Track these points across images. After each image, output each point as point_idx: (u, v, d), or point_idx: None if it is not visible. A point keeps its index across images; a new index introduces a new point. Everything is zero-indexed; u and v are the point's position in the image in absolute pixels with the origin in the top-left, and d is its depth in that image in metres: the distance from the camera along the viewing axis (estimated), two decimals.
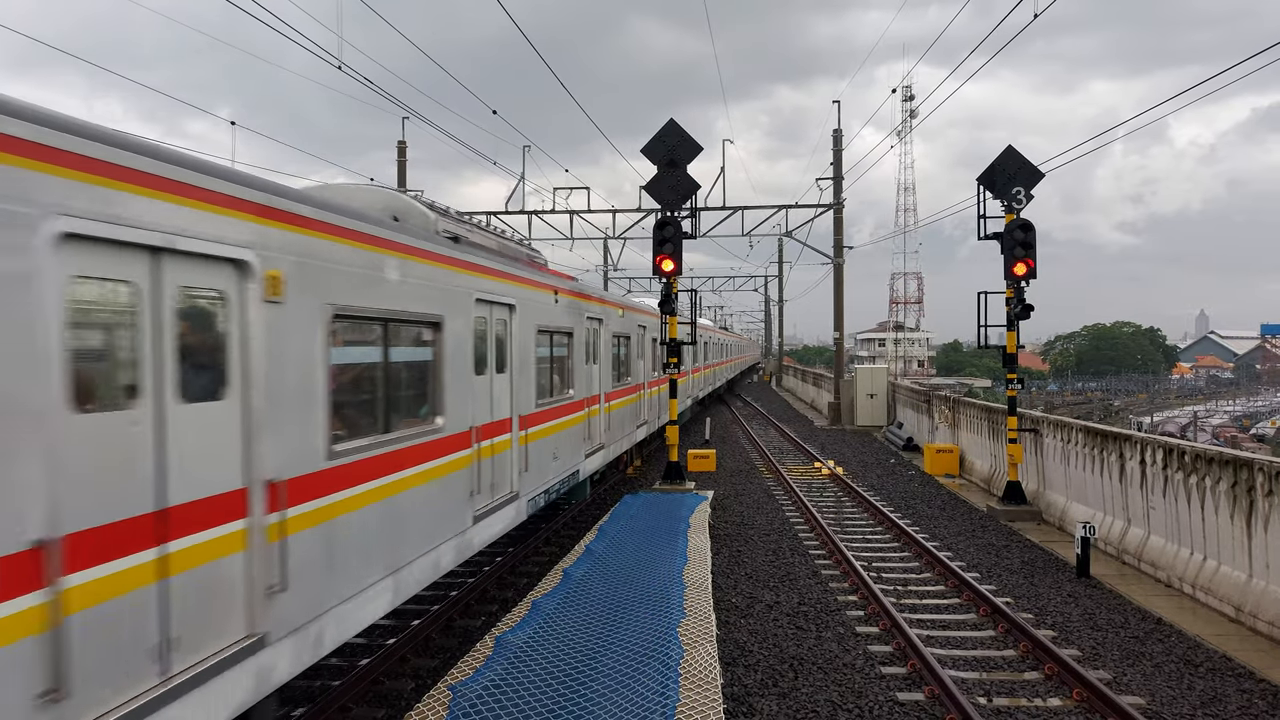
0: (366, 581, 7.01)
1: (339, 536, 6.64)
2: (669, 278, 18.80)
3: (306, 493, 6.22)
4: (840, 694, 8.31)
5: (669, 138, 19.41)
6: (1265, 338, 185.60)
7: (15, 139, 4.00)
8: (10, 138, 3.97)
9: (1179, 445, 12.51)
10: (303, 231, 6.26)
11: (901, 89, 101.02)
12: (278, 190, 6.13)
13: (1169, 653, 9.49)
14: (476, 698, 6.98)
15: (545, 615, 9.23)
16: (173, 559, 4.93)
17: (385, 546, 7.39)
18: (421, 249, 8.38)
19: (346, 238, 6.90)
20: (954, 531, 15.66)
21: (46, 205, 4.13)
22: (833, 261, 37.13)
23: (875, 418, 34.86)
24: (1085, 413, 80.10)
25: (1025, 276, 16.59)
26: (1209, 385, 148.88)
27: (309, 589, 6.18)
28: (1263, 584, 10.26)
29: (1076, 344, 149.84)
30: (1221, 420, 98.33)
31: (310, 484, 6.28)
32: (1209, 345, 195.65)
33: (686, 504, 15.82)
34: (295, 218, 6.20)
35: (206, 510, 5.24)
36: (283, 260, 5.99)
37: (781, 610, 10.90)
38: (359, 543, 6.94)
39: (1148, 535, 13.03)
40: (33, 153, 4.08)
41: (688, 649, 8.11)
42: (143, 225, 4.72)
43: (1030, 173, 16.95)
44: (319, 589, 6.32)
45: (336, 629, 6.59)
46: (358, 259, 7.05)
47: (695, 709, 6.78)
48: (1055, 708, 8.10)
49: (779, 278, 75.15)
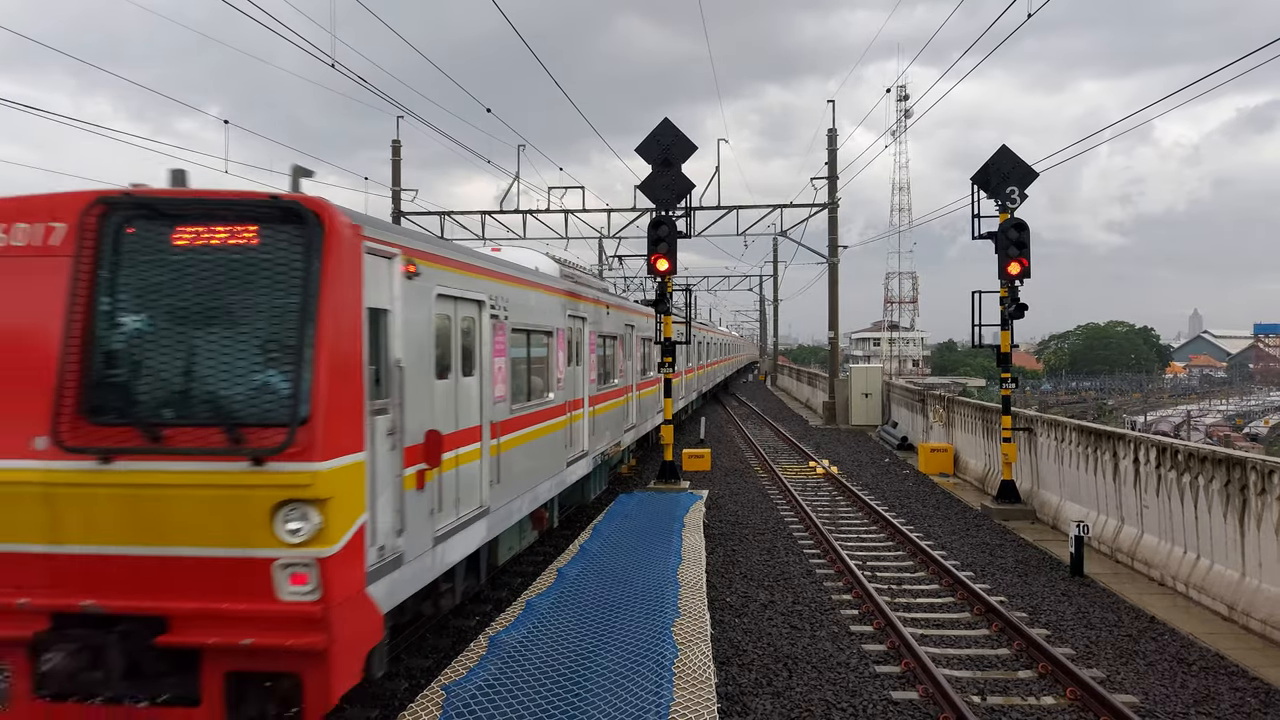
0: (523, 489, 11.06)
1: (514, 458, 10.62)
2: (663, 277, 18.79)
3: (504, 430, 10.22)
4: (834, 693, 8.31)
5: (663, 137, 19.41)
6: (1258, 337, 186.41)
7: (423, 252, 8.04)
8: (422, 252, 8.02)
9: (1172, 444, 12.54)
10: (500, 282, 10.35)
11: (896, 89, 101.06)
12: (493, 261, 10.44)
13: (1162, 651, 9.51)
14: (470, 697, 6.96)
15: (539, 615, 9.21)
16: (461, 457, 8.88)
17: (531, 470, 11.40)
18: (546, 285, 12.73)
19: (517, 283, 11.14)
20: (948, 530, 15.68)
21: (432, 279, 8.16)
22: (827, 261, 37.16)
23: (870, 417, 34.89)
24: (1079, 412, 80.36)
25: (1019, 276, 16.61)
26: (1202, 384, 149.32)
27: (506, 486, 10.22)
28: (1255, 583, 10.28)
29: (1070, 343, 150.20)
30: (1215, 419, 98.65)
31: (505, 426, 10.28)
32: (1202, 344, 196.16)
33: (681, 503, 15.81)
34: (497, 274, 10.28)
35: (471, 435, 9.21)
36: (489, 296, 9.83)
37: (776, 609, 10.90)
38: (521, 465, 10.91)
39: (1141, 534, 13.05)
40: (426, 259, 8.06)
41: (682, 648, 8.10)
42: (451, 286, 8.72)
43: (1024, 173, 16.97)
44: (511, 485, 10.46)
45: (514, 511, 10.64)
46: (522, 294, 11.28)
47: (689, 708, 6.77)
48: (1049, 706, 8.11)
49: (774, 277, 75.26)
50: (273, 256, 6.24)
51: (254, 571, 5.96)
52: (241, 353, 6.15)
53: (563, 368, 13.30)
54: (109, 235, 6.30)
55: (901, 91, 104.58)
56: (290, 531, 5.94)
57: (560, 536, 14.33)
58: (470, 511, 9.10)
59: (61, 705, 6.11)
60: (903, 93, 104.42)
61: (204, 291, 6.23)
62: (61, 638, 6.00)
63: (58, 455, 5.94)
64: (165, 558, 6.02)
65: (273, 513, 5.93)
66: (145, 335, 6.26)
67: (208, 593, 6.01)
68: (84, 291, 6.18)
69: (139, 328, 6.29)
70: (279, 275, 6.21)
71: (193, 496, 5.98)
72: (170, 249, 6.30)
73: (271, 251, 6.25)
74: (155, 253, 6.31)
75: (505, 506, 10.20)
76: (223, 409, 6.08)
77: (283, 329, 6.14)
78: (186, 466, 5.97)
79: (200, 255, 6.27)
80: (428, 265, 8.04)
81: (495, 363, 9.94)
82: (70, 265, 6.20)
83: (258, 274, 6.22)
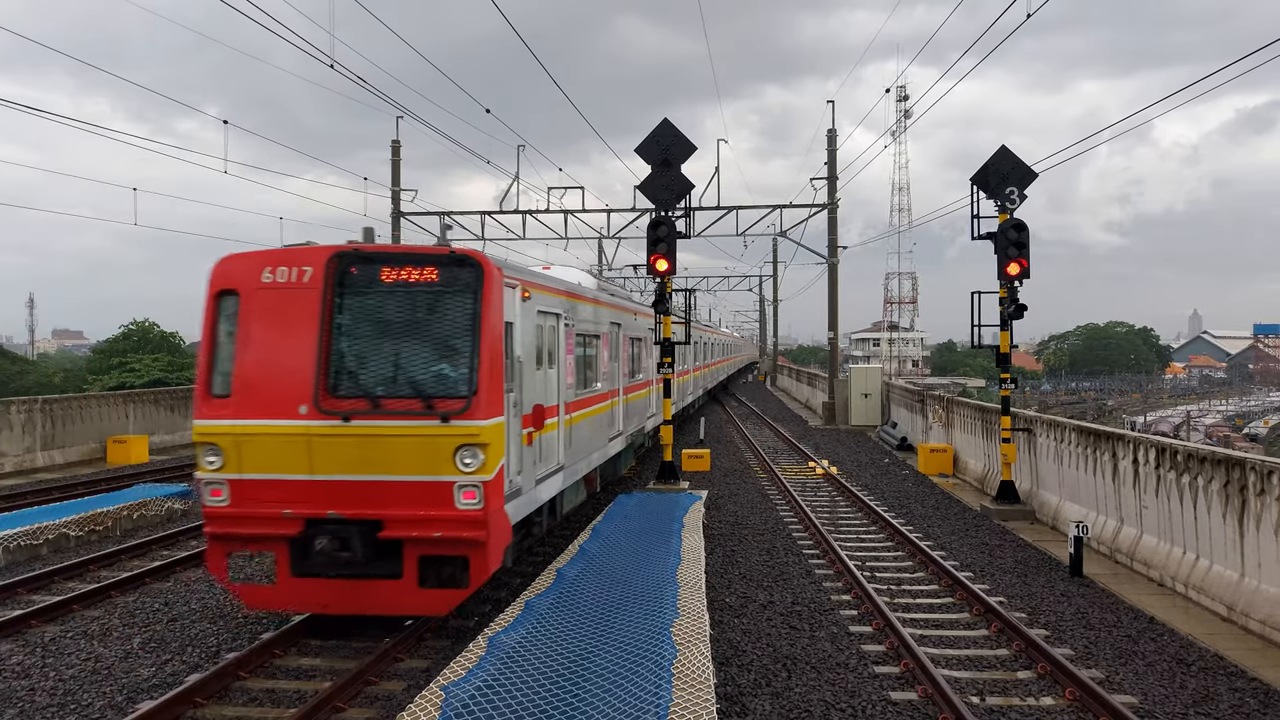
0: (582, 455, 14.00)
1: (577, 430, 13.63)
2: (663, 277, 18.79)
3: (572, 409, 13.33)
4: (834, 693, 8.31)
5: (663, 137, 19.40)
6: (1258, 337, 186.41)
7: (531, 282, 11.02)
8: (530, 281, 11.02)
9: (1171, 444, 12.54)
10: (569, 298, 13.37)
11: (895, 89, 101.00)
12: (565, 284, 13.59)
13: (1161, 652, 9.51)
14: (469, 698, 6.96)
15: (538, 615, 9.21)
16: (548, 426, 11.73)
17: (587, 441, 14.47)
18: (594, 298, 15.79)
19: (578, 299, 14.16)
20: (947, 531, 15.68)
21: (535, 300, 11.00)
22: (827, 261, 37.14)
23: (870, 417, 34.88)
24: (1079, 412, 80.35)
25: (1018, 276, 16.61)
26: (1202, 385, 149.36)
27: (574, 449, 13.42)
28: (1254, 583, 10.28)
29: (1070, 344, 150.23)
30: (1215, 420, 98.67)
31: (572, 405, 13.29)
32: (1202, 345, 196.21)
33: (680, 504, 15.80)
34: (568, 293, 13.46)
35: (553, 410, 12.14)
36: (563, 310, 12.80)
37: (775, 610, 10.89)
38: (581, 436, 13.92)
39: (1140, 534, 13.05)
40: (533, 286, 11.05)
41: (681, 649, 8.09)
42: (545, 304, 11.62)
43: (1023, 173, 16.96)
44: (576, 451, 13.48)
45: (576, 471, 13.67)
46: (582, 307, 14.28)
47: (688, 709, 6.77)
48: (1048, 707, 8.11)
49: (773, 277, 75.23)
50: (449, 289, 9.38)
51: (440, 490, 9.02)
52: (430, 351, 9.38)
53: (606, 363, 16.51)
54: (340, 275, 9.36)
55: (901, 92, 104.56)
56: (464, 464, 9.01)
57: (560, 536, 14.34)
58: (553, 466, 12.13)
59: (308, 580, 9.23)
60: (902, 93, 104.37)
61: (403, 311, 9.40)
62: (321, 532, 9.02)
63: (315, 416, 9.00)
64: (383, 482, 9.03)
65: (454, 452, 9.00)
66: (366, 340, 9.39)
67: (410, 504, 9.02)
68: (327, 312, 9.24)
69: (361, 335, 9.39)
70: (453, 301, 9.37)
71: (401, 442, 9.02)
72: (380, 284, 9.37)
73: (448, 285, 9.38)
74: (370, 286, 9.39)
75: (572, 466, 13.41)
76: (419, 387, 9.21)
77: (457, 336, 9.32)
78: (398, 424, 9.02)
79: (400, 287, 9.37)
80: (534, 290, 11.26)
81: (567, 358, 13.17)
82: (318, 295, 9.25)
83: (439, 300, 9.40)
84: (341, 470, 9.00)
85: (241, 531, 9.35)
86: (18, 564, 13.02)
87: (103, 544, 14.28)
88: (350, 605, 9.35)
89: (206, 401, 9.36)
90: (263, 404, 9.17)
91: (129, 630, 10.07)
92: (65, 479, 20.75)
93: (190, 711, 7.91)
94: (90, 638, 9.82)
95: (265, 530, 9.24)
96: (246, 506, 9.20)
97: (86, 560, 12.77)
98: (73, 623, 10.34)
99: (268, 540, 9.38)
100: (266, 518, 9.17)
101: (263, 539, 9.43)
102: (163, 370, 61.16)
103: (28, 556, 13.30)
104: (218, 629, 10.15)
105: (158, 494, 16.56)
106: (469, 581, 9.25)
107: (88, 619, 10.48)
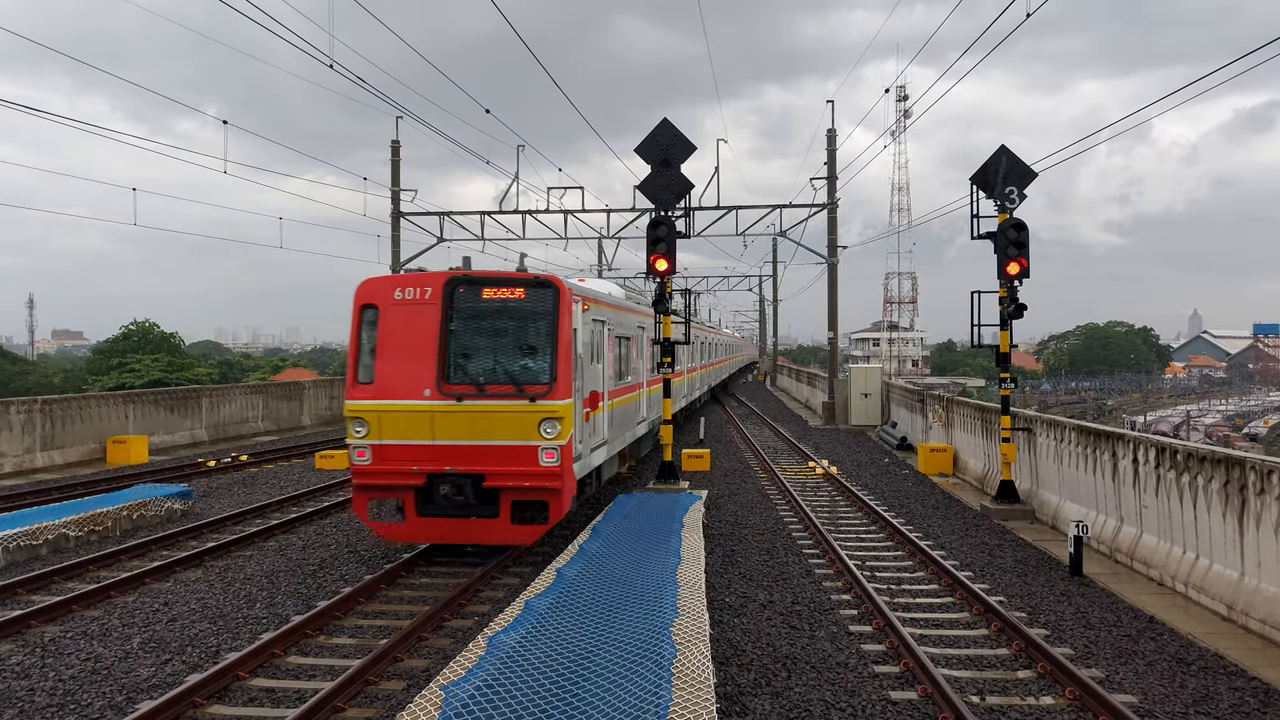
0: (618, 435, 16.71)
1: (615, 413, 16.30)
2: (663, 277, 18.79)
3: (612, 396, 15.97)
4: (833, 693, 8.30)
5: (662, 137, 19.39)
6: (1258, 337, 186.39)
7: (588, 297, 14.21)
8: (588, 297, 14.20)
9: (1171, 444, 12.53)
10: (611, 309, 16.12)
11: (895, 89, 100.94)
12: (609, 297, 16.46)
13: (1161, 651, 9.51)
14: (469, 698, 6.95)
15: (538, 615, 9.20)
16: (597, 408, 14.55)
17: (622, 422, 17.26)
18: (626, 307, 18.64)
19: (617, 309, 16.82)
20: (947, 530, 15.67)
21: (591, 311, 14.28)
22: (826, 261, 37.13)
23: (869, 417, 34.88)
24: (1079, 412, 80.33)
25: (1018, 276, 16.60)
26: (1202, 385, 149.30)
27: (614, 429, 16.08)
28: (1254, 582, 10.27)
29: (1070, 343, 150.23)
30: (1215, 419, 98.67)
31: (613, 394, 16.15)
32: (1202, 345, 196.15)
33: (680, 504, 15.79)
34: (610, 305, 15.98)
35: (600, 397, 14.74)
36: (605, 317, 15.46)
37: (775, 609, 10.89)
38: (618, 418, 16.57)
39: (1140, 534, 13.05)
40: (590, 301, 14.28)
41: (681, 648, 8.08)
42: (597, 313, 14.69)
43: (1023, 173, 16.95)
44: (615, 430, 16.07)
45: (615, 447, 16.38)
46: (618, 315, 16.89)
47: (688, 708, 6.76)
48: (1048, 706, 8.10)
49: (773, 277, 75.23)
50: (533, 305, 12.48)
51: (528, 452, 12.12)
52: (520, 350, 12.53)
53: (634, 360, 19.17)
54: (452, 294, 12.47)
55: (901, 91, 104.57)
56: (546, 433, 12.08)
57: (559, 537, 14.34)
58: (600, 440, 15.01)
59: (430, 519, 12.37)
60: (902, 93, 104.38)
61: (500, 320, 12.52)
62: (441, 483, 12.26)
63: (436, 398, 12.15)
64: (486, 446, 12.13)
65: (539, 424, 12.09)
66: (472, 342, 12.48)
67: (505, 462, 12.12)
68: (443, 321, 12.36)
69: (469, 338, 12.46)
70: (537, 313, 12.49)
71: (500, 417, 12.14)
72: (482, 300, 12.49)
73: (532, 302, 12.48)
74: (474, 301, 12.48)
75: (612, 442, 16.17)
76: (513, 377, 12.36)
77: (540, 339, 12.46)
78: (497, 403, 12.16)
79: (496, 303, 12.48)
80: (591, 304, 14.31)
81: (609, 355, 15.98)
82: (437, 309, 12.36)
83: (526, 313, 12.51)
84: (455, 437, 12.14)
85: (380, 483, 12.39)
86: (17, 564, 13.02)
87: (102, 544, 14.28)
88: (460, 537, 12.56)
89: (355, 387, 12.45)
90: (397, 388, 12.26)
91: (128, 630, 10.07)
92: (65, 479, 20.74)
93: (190, 711, 7.91)
94: (90, 638, 9.82)
95: (398, 481, 12.31)
96: (384, 464, 12.28)
97: (86, 560, 12.76)
98: (72, 623, 10.34)
99: (400, 489, 12.41)
100: (399, 472, 12.27)
101: (396, 488, 12.44)
102: (162, 370, 61.13)
103: (27, 557, 13.30)
104: (217, 629, 10.15)
105: (157, 494, 16.55)
106: (548, 520, 12.42)
107: (87, 619, 10.48)
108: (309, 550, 13.96)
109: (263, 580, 12.19)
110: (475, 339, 12.46)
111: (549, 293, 12.51)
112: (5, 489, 19.07)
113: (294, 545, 14.30)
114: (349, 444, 12.39)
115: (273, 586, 11.89)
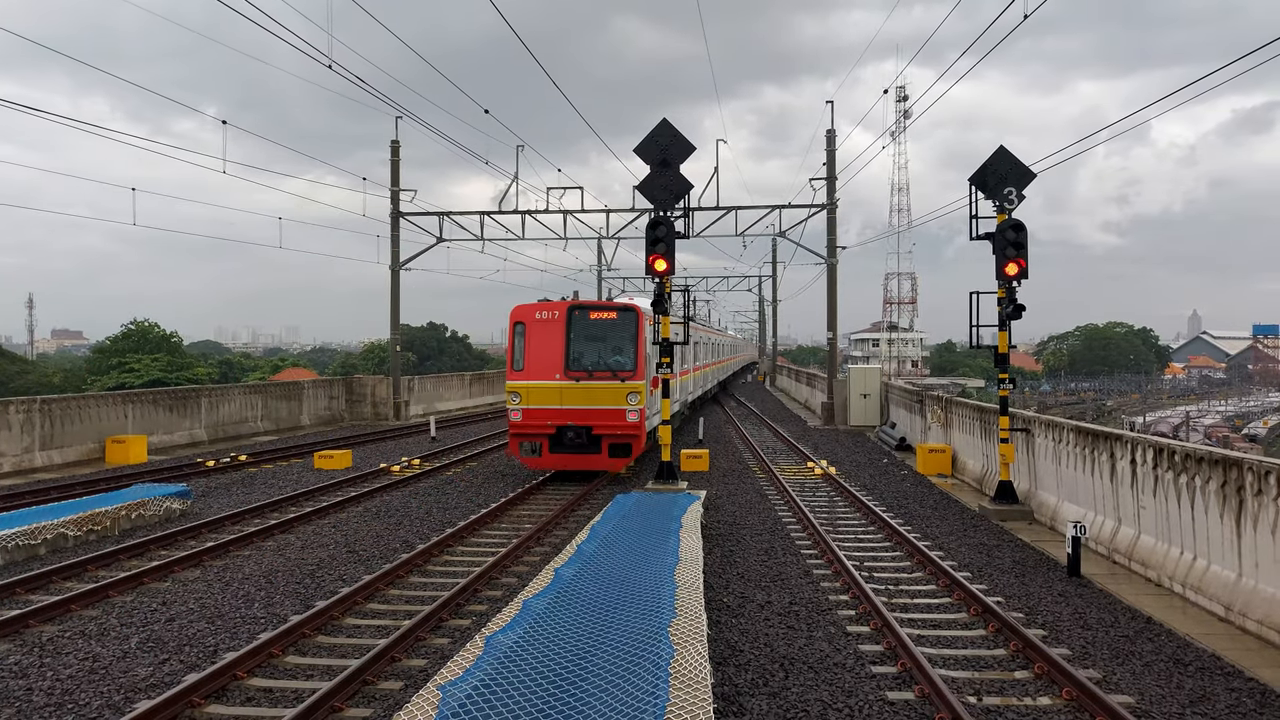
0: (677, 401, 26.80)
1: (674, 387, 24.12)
2: (662, 277, 18.79)
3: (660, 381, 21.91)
4: (831, 693, 8.31)
5: (661, 137, 19.40)
6: (1257, 338, 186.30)
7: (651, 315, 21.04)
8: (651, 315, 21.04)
9: (1169, 445, 12.54)
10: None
11: (895, 89, 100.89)
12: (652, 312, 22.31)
13: (1159, 652, 9.51)
14: (466, 698, 6.96)
15: (535, 615, 9.21)
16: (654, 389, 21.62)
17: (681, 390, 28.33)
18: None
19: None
20: (946, 531, 15.68)
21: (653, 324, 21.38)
22: (826, 262, 37.13)
23: (869, 418, 34.89)
24: (1078, 413, 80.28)
25: (1017, 276, 16.61)
26: (1201, 385, 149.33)
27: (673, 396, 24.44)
28: (1252, 583, 10.28)
29: (1069, 344, 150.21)
30: (1214, 420, 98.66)
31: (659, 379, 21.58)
32: (1201, 345, 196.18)
33: (679, 504, 15.79)
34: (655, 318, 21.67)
35: (655, 381, 21.17)
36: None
37: (773, 610, 10.90)
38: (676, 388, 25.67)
39: (1138, 535, 13.05)
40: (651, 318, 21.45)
41: (678, 649, 8.09)
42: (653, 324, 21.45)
43: (1022, 173, 16.96)
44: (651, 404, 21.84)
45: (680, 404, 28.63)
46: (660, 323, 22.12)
47: (685, 708, 6.77)
48: (1045, 706, 8.11)
49: (773, 278, 75.25)
50: (623, 322, 20.44)
51: (620, 413, 19.88)
52: (614, 350, 20.32)
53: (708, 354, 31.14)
54: (571, 316, 20.32)
55: (900, 92, 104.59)
56: (630, 401, 19.84)
57: (557, 536, 14.34)
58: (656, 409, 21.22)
59: (559, 455, 20.14)
60: (901, 93, 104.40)
61: (602, 331, 20.45)
62: (569, 431, 19.96)
63: (563, 379, 19.95)
64: (593, 409, 19.89)
65: (626, 396, 19.86)
66: (584, 345, 20.32)
67: (605, 419, 19.93)
68: (567, 331, 20.17)
69: (583, 343, 20.29)
70: (625, 328, 20.41)
71: (602, 390, 19.92)
72: (590, 320, 20.44)
73: (623, 321, 20.46)
74: (585, 320, 20.41)
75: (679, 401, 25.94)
76: (610, 366, 20.12)
77: (626, 343, 20.31)
78: (600, 383, 19.93)
79: (601, 321, 20.51)
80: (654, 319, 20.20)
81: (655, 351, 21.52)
82: (563, 325, 20.18)
83: (618, 327, 20.47)
84: (574, 403, 19.72)
85: (528, 432, 20.05)
86: (15, 564, 13.02)
87: (101, 544, 14.29)
88: (577, 465, 20.12)
89: (513, 373, 20.10)
90: (539, 373, 19.90)
91: (126, 630, 10.07)
92: (64, 479, 20.74)
93: (188, 711, 7.91)
94: (88, 637, 9.82)
95: (539, 431, 19.96)
96: (530, 421, 19.94)
97: (84, 560, 12.76)
98: (70, 622, 10.34)
99: (540, 436, 20.00)
100: (540, 426, 19.90)
101: (538, 435, 20.01)
102: (162, 370, 61.12)
103: (26, 556, 13.31)
104: (215, 628, 10.15)
105: (156, 494, 16.55)
106: (631, 454, 20.23)
107: (85, 619, 10.48)
108: (307, 550, 13.97)
109: (261, 580, 12.20)
110: (586, 343, 20.17)
111: (631, 314, 20.21)
112: (4, 488, 19.07)
113: (292, 545, 14.31)
114: (508, 408, 20.00)
115: (271, 586, 11.90)
